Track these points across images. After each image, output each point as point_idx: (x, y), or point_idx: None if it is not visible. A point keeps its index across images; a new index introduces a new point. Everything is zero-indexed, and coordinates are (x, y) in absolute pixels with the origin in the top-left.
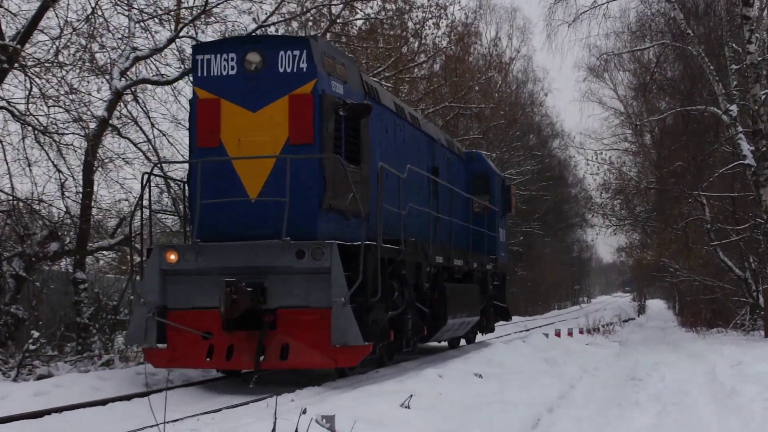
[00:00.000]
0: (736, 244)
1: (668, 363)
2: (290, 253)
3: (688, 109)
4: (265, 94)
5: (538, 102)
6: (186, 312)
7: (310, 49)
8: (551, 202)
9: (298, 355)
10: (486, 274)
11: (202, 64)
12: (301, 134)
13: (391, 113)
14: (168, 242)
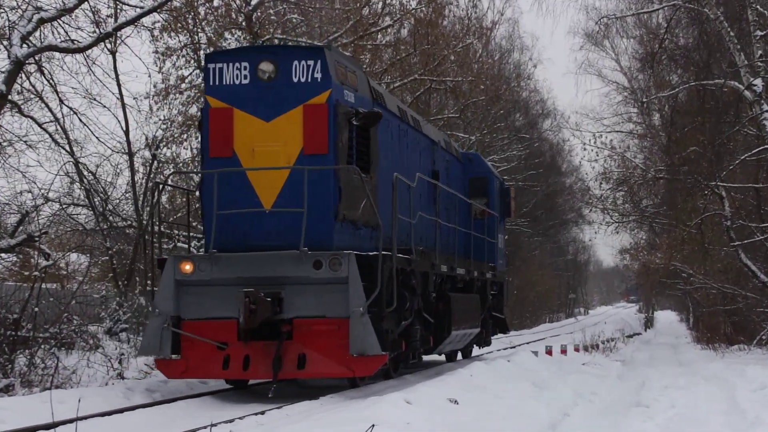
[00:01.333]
0: (761, 244)
1: (680, 386)
2: (307, 264)
3: (704, 83)
4: (279, 103)
5: (526, 75)
6: (200, 322)
7: (325, 59)
8: (541, 194)
9: (315, 364)
10: (485, 283)
11: (214, 73)
12: (315, 144)
13: (395, 118)
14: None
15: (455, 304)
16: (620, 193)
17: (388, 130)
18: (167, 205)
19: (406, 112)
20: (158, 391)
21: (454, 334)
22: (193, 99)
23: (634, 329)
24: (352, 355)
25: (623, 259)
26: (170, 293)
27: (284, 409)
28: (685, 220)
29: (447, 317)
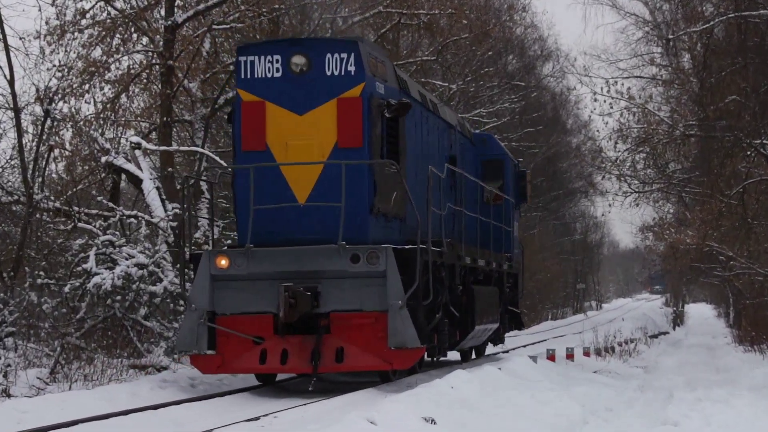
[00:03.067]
0: None
1: (717, 399)
2: (345, 258)
3: (746, 14)
4: (312, 97)
5: (521, 6)
6: (236, 317)
7: (359, 52)
8: (541, 157)
9: (354, 358)
10: (502, 275)
11: (246, 66)
12: (350, 138)
13: (417, 104)
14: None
15: (478, 297)
16: (641, 155)
17: (412, 118)
18: (65, 176)
19: (426, 97)
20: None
21: (477, 329)
22: (96, 39)
23: (660, 327)
24: (390, 348)
25: (645, 239)
26: (206, 288)
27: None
28: (723, 188)
29: (470, 311)
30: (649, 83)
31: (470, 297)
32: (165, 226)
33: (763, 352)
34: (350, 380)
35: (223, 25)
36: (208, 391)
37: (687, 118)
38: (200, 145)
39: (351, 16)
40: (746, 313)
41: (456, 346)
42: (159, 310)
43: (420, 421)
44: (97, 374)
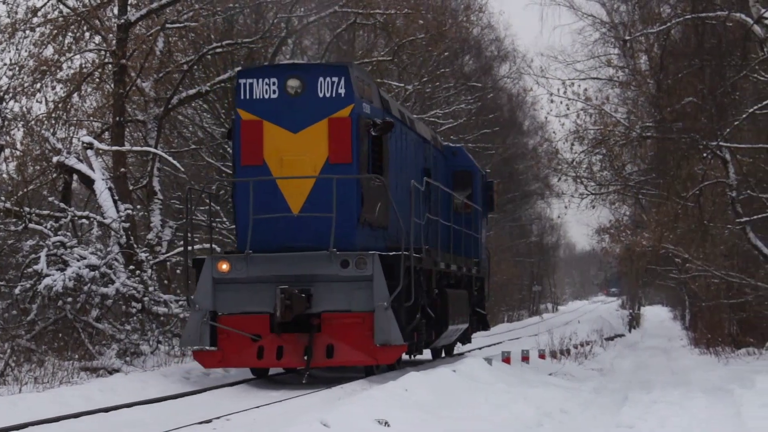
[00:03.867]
0: None
1: (672, 402)
2: (335, 263)
3: (703, 15)
4: (306, 116)
5: (477, 6)
6: (236, 317)
7: (349, 76)
8: (498, 158)
9: (343, 353)
10: (471, 279)
11: (245, 88)
12: (340, 154)
13: (398, 122)
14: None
15: (451, 299)
16: (597, 156)
17: (393, 135)
18: (16, 176)
19: (404, 114)
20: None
21: (450, 328)
22: (48, 37)
23: (616, 330)
24: (376, 345)
25: (601, 242)
26: (208, 290)
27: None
28: (679, 190)
29: (444, 312)
30: (606, 84)
31: (444, 299)
32: (117, 227)
33: (719, 354)
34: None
35: (177, 23)
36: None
37: (644, 119)
38: (153, 146)
39: (307, 16)
40: (702, 315)
41: (431, 344)
42: (111, 312)
43: (373, 423)
44: (47, 377)
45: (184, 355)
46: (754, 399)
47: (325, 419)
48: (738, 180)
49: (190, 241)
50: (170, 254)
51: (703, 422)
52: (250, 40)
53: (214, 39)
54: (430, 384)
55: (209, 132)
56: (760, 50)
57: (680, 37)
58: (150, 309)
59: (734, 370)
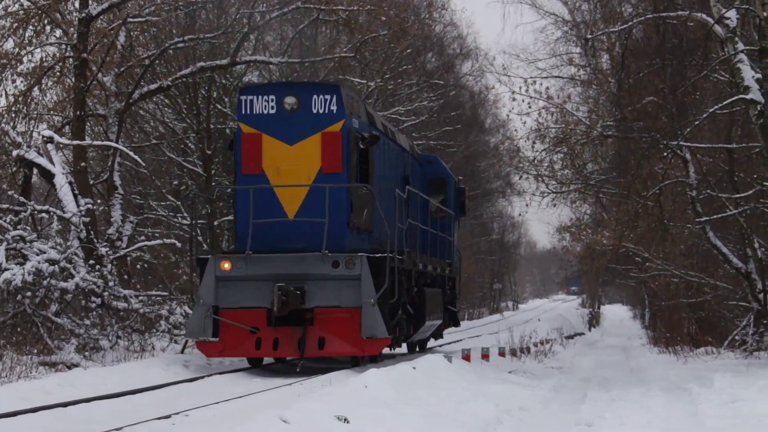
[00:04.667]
0: (735, 220)
1: (631, 400)
2: (327, 263)
3: (664, 15)
4: (301, 130)
5: (440, 3)
6: (236, 311)
7: (340, 95)
8: (459, 156)
9: (333, 345)
10: (444, 279)
11: (246, 104)
12: (332, 165)
13: (382, 135)
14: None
15: (428, 297)
16: (558, 155)
17: (377, 147)
18: None
19: (387, 127)
20: None
21: (426, 324)
22: (8, 31)
23: (576, 328)
24: (363, 337)
25: (562, 240)
26: (211, 287)
27: (124, 430)
28: (639, 189)
29: (422, 309)
30: (568, 83)
31: (422, 297)
32: (77, 221)
33: (678, 353)
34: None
35: (139, 18)
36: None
37: (605, 118)
38: (114, 140)
39: (269, 12)
40: (661, 314)
41: (409, 338)
42: (70, 306)
43: (333, 420)
44: (5, 371)
45: (144, 350)
46: (712, 398)
47: (285, 415)
48: (698, 180)
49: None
50: (130, 249)
51: (662, 421)
52: (212, 35)
53: (176, 34)
54: (390, 381)
55: (171, 127)
56: (720, 50)
57: (641, 36)
58: (110, 304)
59: (693, 369)
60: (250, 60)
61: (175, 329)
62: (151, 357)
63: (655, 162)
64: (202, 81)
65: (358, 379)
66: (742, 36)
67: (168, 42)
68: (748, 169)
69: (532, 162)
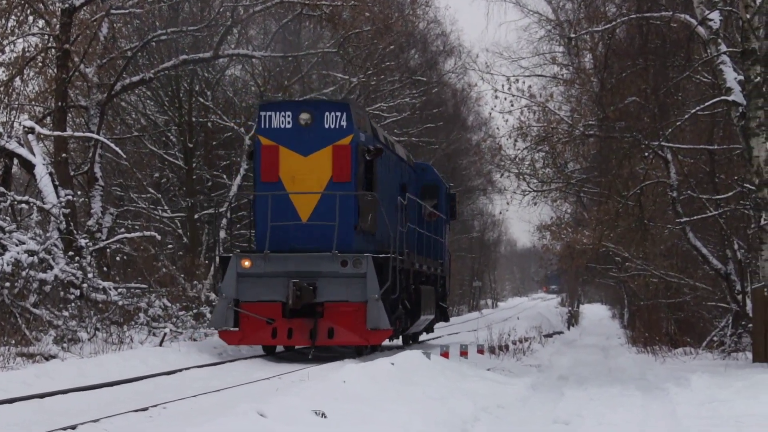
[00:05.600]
0: (715, 221)
1: (609, 399)
2: (337, 262)
3: (648, 15)
4: (314, 143)
5: (424, 1)
6: (254, 304)
7: (350, 112)
8: (441, 153)
9: (341, 335)
10: (436, 277)
11: (265, 119)
12: (341, 175)
13: (384, 147)
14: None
15: (423, 294)
16: (540, 153)
17: (380, 158)
18: None
19: (387, 139)
20: None
21: (421, 318)
22: None
23: (555, 327)
24: (368, 329)
25: (542, 239)
26: (233, 282)
27: (101, 422)
28: (620, 189)
29: (417, 305)
30: (551, 82)
31: (418, 294)
32: (57, 212)
33: (656, 353)
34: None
35: (122, 10)
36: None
37: (587, 117)
38: (95, 132)
39: (252, 6)
40: (640, 314)
41: (406, 331)
42: (49, 298)
43: (310, 414)
44: None
45: (122, 342)
46: (690, 398)
47: (262, 409)
48: (679, 180)
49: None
50: (110, 241)
51: (639, 420)
52: (195, 28)
53: (159, 26)
54: (368, 377)
55: (152, 119)
56: (703, 51)
57: (625, 36)
58: (88, 296)
59: (671, 369)
60: (233, 53)
61: (154, 322)
62: (129, 349)
63: (637, 162)
64: (185, 74)
65: (337, 375)
66: (725, 38)
67: (151, 34)
68: (729, 171)
69: (514, 160)
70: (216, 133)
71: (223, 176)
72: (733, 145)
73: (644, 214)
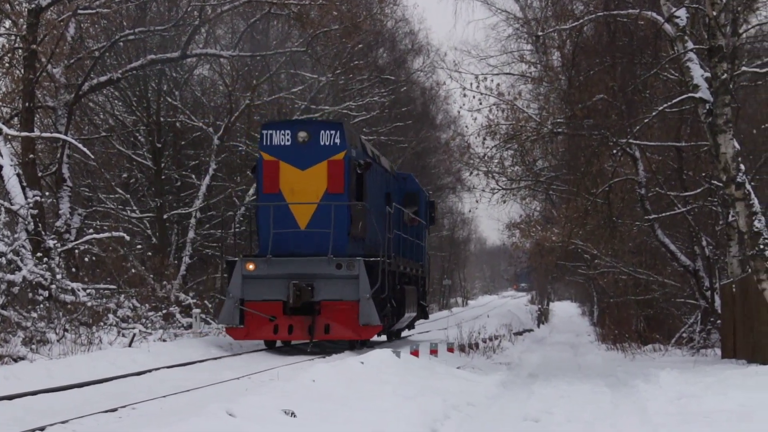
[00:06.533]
0: (683, 218)
1: (579, 396)
2: (332, 265)
3: (615, 13)
4: (311, 158)
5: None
6: (258, 303)
7: (343, 131)
8: (410, 151)
9: (336, 331)
10: (417, 278)
11: (267, 136)
12: (336, 187)
13: (372, 160)
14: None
15: (407, 294)
16: (509, 152)
17: (369, 171)
18: None
19: (374, 153)
20: None
21: (405, 315)
22: None
23: (525, 325)
24: (360, 325)
25: (512, 236)
26: (239, 283)
27: (70, 423)
28: (589, 186)
29: (402, 303)
30: (519, 80)
31: (402, 294)
32: (25, 213)
33: (625, 350)
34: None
35: (89, 10)
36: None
37: (555, 115)
38: (63, 132)
39: (220, 5)
40: (610, 311)
41: (391, 327)
42: (17, 299)
43: (280, 414)
44: None
45: (91, 343)
46: (659, 394)
47: (231, 409)
48: (647, 177)
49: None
50: (78, 242)
51: (609, 416)
52: (162, 28)
53: (127, 26)
54: (338, 376)
55: (120, 120)
56: (670, 49)
57: (592, 34)
58: (57, 297)
59: (640, 366)
60: (201, 53)
61: (123, 322)
62: (98, 350)
63: (605, 159)
64: (153, 74)
65: (307, 374)
66: (692, 35)
67: (118, 34)
68: (696, 168)
69: (483, 158)
70: (184, 132)
71: (192, 176)
72: (701, 142)
73: (613, 211)
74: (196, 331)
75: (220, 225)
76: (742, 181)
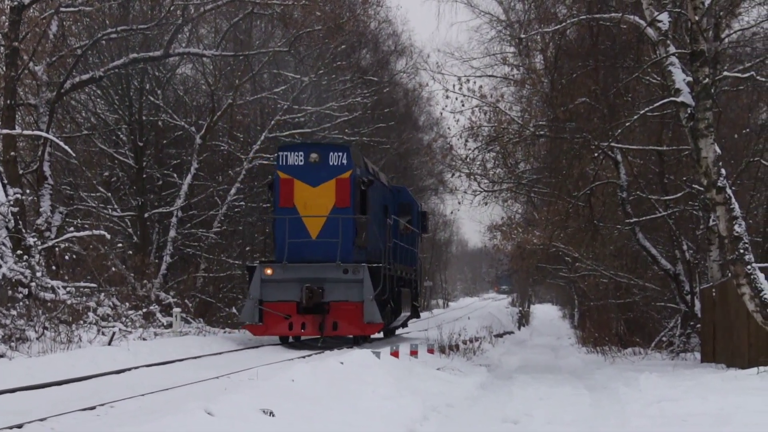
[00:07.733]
0: (664, 222)
1: (558, 398)
2: (340, 270)
3: (598, 17)
4: (321, 177)
5: (375, 0)
6: (274, 303)
7: (349, 153)
8: (392, 153)
9: (343, 328)
10: (411, 281)
11: (283, 157)
12: (343, 202)
13: (373, 177)
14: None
15: (403, 295)
16: (491, 154)
17: (371, 187)
18: None
19: (375, 170)
20: None
21: (402, 315)
22: None
23: (505, 327)
24: (365, 322)
25: (493, 239)
26: (258, 286)
27: (48, 421)
28: (570, 189)
29: (399, 304)
30: (501, 82)
31: (399, 295)
32: (6, 211)
33: (605, 353)
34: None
35: (71, 8)
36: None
37: (537, 118)
38: (45, 130)
39: (203, 4)
40: (590, 315)
41: (389, 325)
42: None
43: (258, 413)
44: None
45: (71, 342)
46: (638, 397)
47: (210, 408)
48: (628, 181)
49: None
50: (59, 240)
51: (588, 419)
52: (145, 27)
53: (109, 24)
54: (317, 376)
55: (102, 118)
56: (652, 52)
57: (575, 37)
58: (37, 295)
59: (620, 369)
60: (183, 52)
61: (103, 321)
62: (78, 348)
63: (587, 162)
64: (135, 72)
65: (286, 374)
66: (674, 39)
67: (101, 32)
68: (678, 172)
69: (465, 160)
70: (166, 131)
71: (174, 175)
72: (682, 146)
73: (594, 214)
74: (176, 330)
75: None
76: (722, 186)
